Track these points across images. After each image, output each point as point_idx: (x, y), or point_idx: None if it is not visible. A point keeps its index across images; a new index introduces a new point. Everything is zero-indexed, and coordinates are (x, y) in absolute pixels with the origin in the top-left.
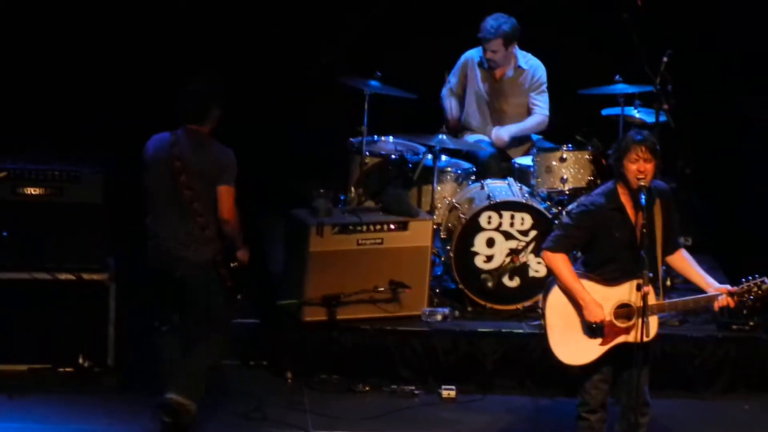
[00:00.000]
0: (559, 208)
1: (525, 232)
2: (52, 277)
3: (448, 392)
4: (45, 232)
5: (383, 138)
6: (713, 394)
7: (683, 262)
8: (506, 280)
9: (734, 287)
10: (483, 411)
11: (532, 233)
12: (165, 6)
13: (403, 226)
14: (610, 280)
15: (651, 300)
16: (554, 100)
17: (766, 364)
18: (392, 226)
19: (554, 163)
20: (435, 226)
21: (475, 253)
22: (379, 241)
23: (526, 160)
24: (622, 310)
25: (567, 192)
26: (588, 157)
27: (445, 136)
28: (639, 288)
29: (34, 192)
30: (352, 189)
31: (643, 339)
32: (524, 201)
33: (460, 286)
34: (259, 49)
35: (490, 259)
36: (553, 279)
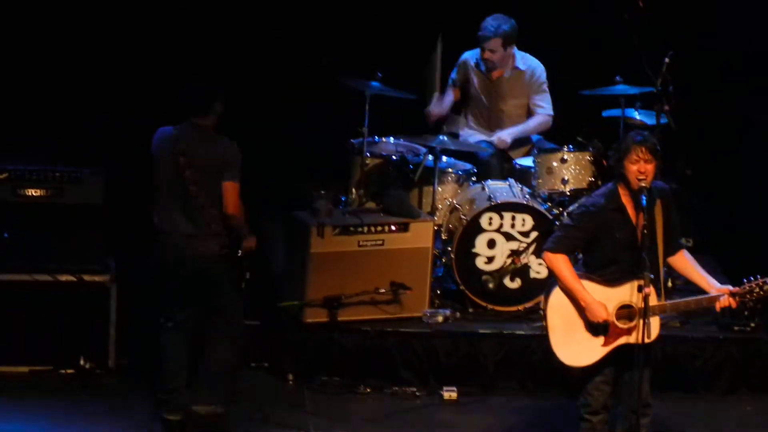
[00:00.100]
0: (560, 209)
1: (526, 234)
2: (52, 279)
3: (449, 393)
4: (45, 233)
5: (384, 139)
6: (714, 395)
7: (685, 263)
8: (507, 282)
9: (736, 288)
10: (484, 412)
11: (533, 234)
12: (165, 6)
13: (404, 228)
14: (611, 281)
15: (652, 301)
16: (555, 101)
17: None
18: (393, 228)
19: (555, 164)
20: (436, 228)
21: (476, 255)
22: (380, 243)
23: (527, 161)
24: (624, 311)
25: (568, 193)
26: (589, 158)
27: (446, 137)
28: (640, 289)
29: (34, 193)
30: (353, 190)
31: (645, 340)
32: (525, 202)
33: (461, 288)
34: (260, 50)
35: (491, 260)
36: (554, 280)
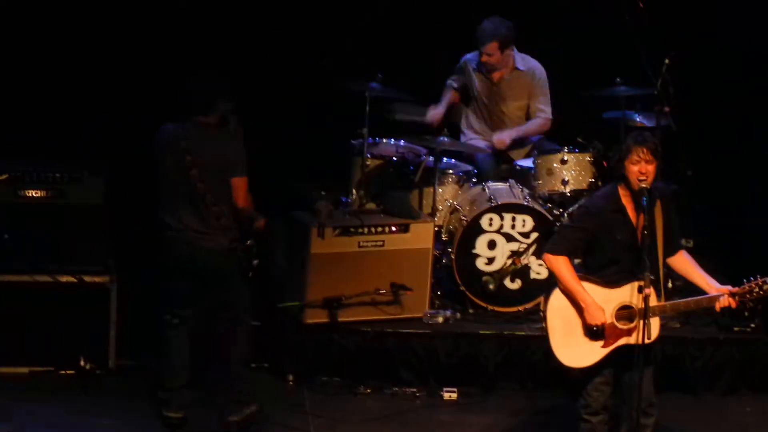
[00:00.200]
0: (560, 210)
1: (526, 234)
2: (53, 279)
3: (450, 394)
4: (46, 234)
5: (384, 140)
6: (714, 395)
7: (684, 264)
8: (507, 282)
9: (735, 288)
10: (484, 413)
11: (534, 235)
12: (165, 6)
13: (405, 228)
14: (611, 282)
15: (652, 302)
16: (555, 102)
17: None
18: (393, 228)
19: (555, 165)
20: (436, 228)
21: (477, 255)
22: (381, 243)
23: (527, 162)
24: (624, 312)
25: (568, 194)
26: (589, 159)
27: (446, 138)
28: (640, 290)
29: (35, 194)
30: (354, 191)
31: (645, 341)
32: (526, 203)
33: (462, 289)
34: (260, 50)
35: (491, 261)
36: (554, 282)
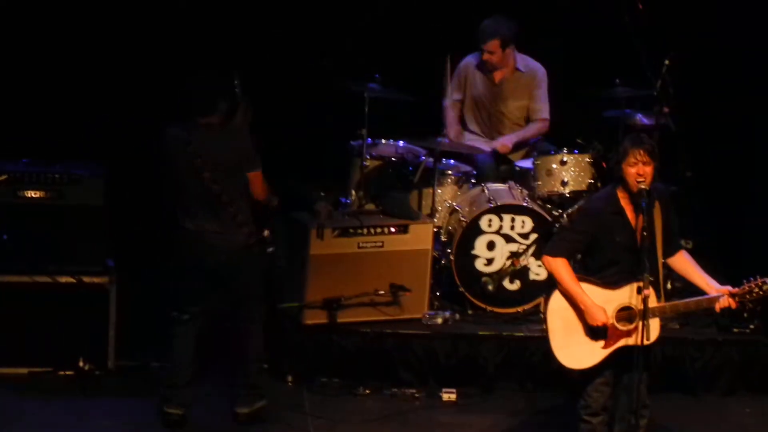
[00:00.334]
0: (560, 211)
1: (525, 235)
2: (52, 280)
3: (449, 395)
4: (45, 234)
5: (384, 141)
6: (714, 396)
7: (684, 264)
8: (507, 283)
9: (735, 288)
10: (484, 414)
11: (533, 236)
12: (165, 6)
13: (404, 229)
14: (610, 283)
15: (652, 303)
16: (554, 103)
17: (767, 367)
18: (393, 229)
19: (555, 166)
20: (435, 229)
21: (476, 256)
22: (380, 244)
23: (526, 163)
24: (624, 314)
25: (567, 195)
26: (588, 160)
27: (445, 139)
28: (640, 291)
29: (34, 195)
30: (353, 192)
31: (645, 342)
32: (525, 204)
33: (461, 289)
34: (261, 51)
35: (490, 262)
36: (554, 283)
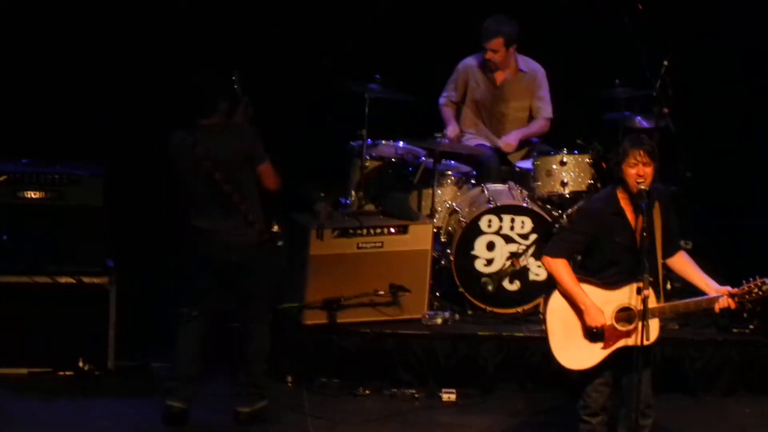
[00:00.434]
0: (560, 212)
1: (525, 236)
2: (52, 281)
3: (449, 395)
4: (45, 235)
5: (384, 141)
6: (713, 397)
7: (683, 265)
8: (506, 284)
9: (735, 289)
10: (483, 414)
11: (532, 237)
12: (165, 6)
13: (404, 230)
14: (610, 284)
15: (651, 303)
16: (554, 103)
17: (767, 368)
18: (392, 230)
19: (554, 166)
20: (435, 230)
21: (476, 257)
22: (380, 245)
23: (526, 164)
24: (623, 314)
25: (567, 195)
26: (588, 160)
27: (445, 139)
28: (639, 291)
29: (34, 195)
30: (353, 192)
31: (644, 342)
32: (525, 205)
33: (461, 290)
34: (260, 51)
35: (490, 262)
36: (554, 284)
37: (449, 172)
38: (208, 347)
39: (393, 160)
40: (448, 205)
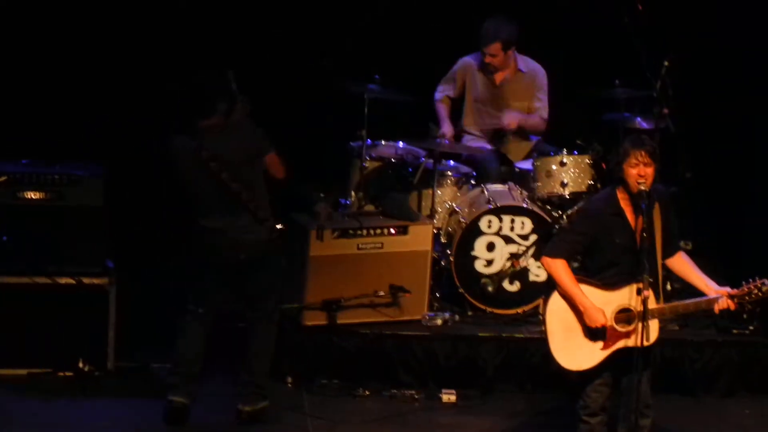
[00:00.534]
0: (559, 213)
1: (525, 237)
2: (52, 281)
3: (449, 396)
4: (45, 235)
5: (383, 142)
6: (713, 397)
7: (683, 265)
8: (506, 285)
9: (734, 290)
10: (483, 415)
11: (532, 237)
12: (165, 6)
13: (404, 231)
14: (610, 284)
15: (651, 304)
16: (554, 103)
17: (766, 368)
18: (392, 231)
19: (554, 167)
20: (435, 231)
21: (476, 258)
22: (380, 246)
23: (526, 164)
24: (623, 315)
25: (567, 196)
26: (588, 161)
27: (445, 140)
28: (639, 292)
29: (34, 196)
30: (353, 193)
31: (644, 343)
32: (524, 205)
33: (460, 291)
34: (260, 51)
35: (490, 263)
36: (553, 285)
37: (449, 173)
38: (209, 347)
39: (393, 160)
40: (448, 206)
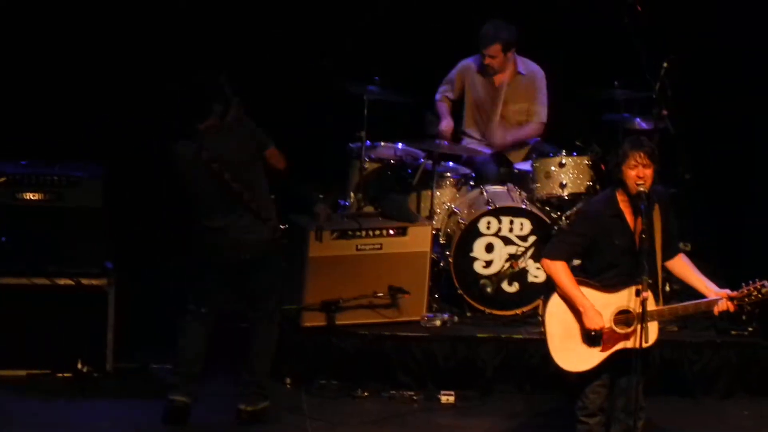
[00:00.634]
0: (558, 214)
1: (524, 238)
2: (51, 282)
3: (447, 397)
4: (44, 236)
5: (382, 143)
6: (712, 399)
7: (683, 267)
8: (505, 286)
9: (734, 291)
10: (482, 416)
11: (531, 239)
12: (165, 6)
13: (403, 232)
14: (609, 286)
15: (650, 306)
16: (554, 104)
17: (765, 370)
18: (391, 232)
19: (553, 168)
20: (434, 232)
21: (474, 259)
22: (378, 247)
23: (525, 165)
24: (622, 317)
25: (566, 197)
26: (587, 162)
27: (444, 142)
28: (638, 294)
29: (33, 197)
30: (352, 194)
31: (643, 345)
32: (523, 206)
33: (459, 292)
34: (260, 51)
35: (489, 264)
36: (553, 286)
37: (448, 174)
38: (211, 347)
39: (392, 161)
40: (447, 207)
